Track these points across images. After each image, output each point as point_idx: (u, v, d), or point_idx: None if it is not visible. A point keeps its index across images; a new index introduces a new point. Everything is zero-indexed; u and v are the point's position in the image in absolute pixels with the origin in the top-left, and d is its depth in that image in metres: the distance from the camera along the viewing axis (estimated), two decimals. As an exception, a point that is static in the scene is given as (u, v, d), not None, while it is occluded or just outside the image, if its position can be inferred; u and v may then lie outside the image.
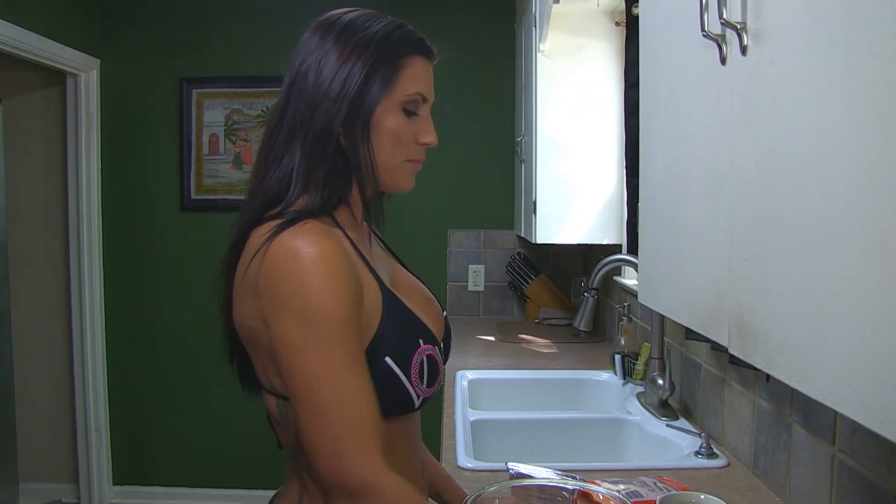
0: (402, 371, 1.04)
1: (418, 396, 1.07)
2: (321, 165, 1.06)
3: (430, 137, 1.12)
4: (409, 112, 1.09)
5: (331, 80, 1.05)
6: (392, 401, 1.04)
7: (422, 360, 1.06)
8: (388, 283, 1.11)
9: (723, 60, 0.92)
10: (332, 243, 0.99)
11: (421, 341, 1.07)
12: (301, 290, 0.95)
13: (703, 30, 0.93)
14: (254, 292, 0.99)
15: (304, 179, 1.06)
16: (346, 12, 1.10)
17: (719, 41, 0.92)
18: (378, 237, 1.27)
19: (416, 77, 1.09)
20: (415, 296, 1.18)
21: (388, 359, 1.03)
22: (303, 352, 0.95)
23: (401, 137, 1.08)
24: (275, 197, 1.06)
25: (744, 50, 0.86)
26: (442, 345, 1.16)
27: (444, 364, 1.16)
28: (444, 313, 1.25)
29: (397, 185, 1.13)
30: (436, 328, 1.15)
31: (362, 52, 1.05)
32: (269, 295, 0.97)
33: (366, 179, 1.08)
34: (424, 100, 1.11)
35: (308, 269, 0.96)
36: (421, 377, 1.06)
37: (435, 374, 1.09)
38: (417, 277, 1.27)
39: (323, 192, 1.06)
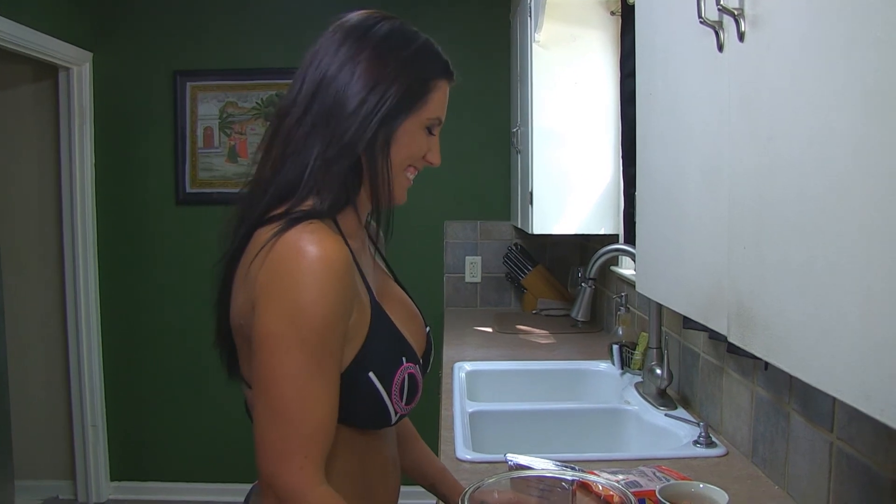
0: (384, 388, 1.05)
1: (396, 413, 1.07)
2: (337, 174, 1.06)
3: (437, 159, 1.14)
4: (427, 132, 1.11)
5: (360, 96, 1.04)
6: (371, 415, 1.06)
7: (403, 378, 1.07)
8: (377, 295, 1.11)
9: (720, 47, 0.92)
10: (338, 248, 0.98)
11: (404, 359, 1.08)
12: (294, 288, 0.95)
13: (699, 16, 0.92)
14: (251, 286, 0.99)
15: (317, 183, 1.05)
16: (380, 21, 1.09)
17: (716, 28, 0.91)
18: (375, 246, 1.26)
19: (440, 101, 1.11)
20: (401, 310, 1.18)
21: (371, 374, 1.03)
22: (276, 349, 0.95)
23: (415, 154, 1.11)
24: (285, 193, 1.05)
25: (741, 36, 0.85)
26: (422, 361, 1.17)
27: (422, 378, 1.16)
28: (427, 329, 1.25)
29: (395, 198, 1.13)
30: (418, 345, 1.16)
31: (395, 73, 1.05)
32: (263, 287, 0.97)
33: (381, 189, 1.09)
34: (440, 122, 1.13)
35: (307, 269, 0.95)
36: (401, 395, 1.07)
37: (414, 393, 1.10)
38: (405, 291, 1.27)
39: (332, 196, 1.05)
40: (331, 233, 1.00)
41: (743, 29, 0.84)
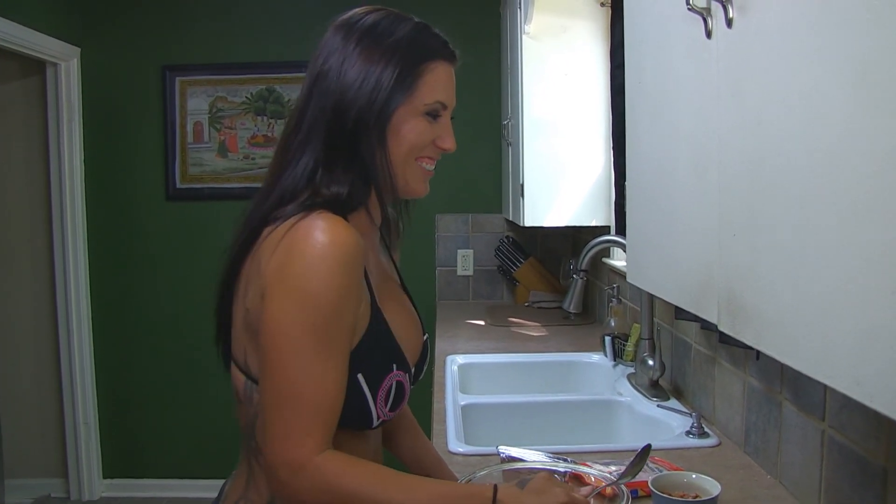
0: (371, 391, 1.05)
1: (378, 418, 1.07)
2: (341, 167, 1.06)
3: (449, 144, 1.13)
4: (429, 118, 1.09)
5: (353, 85, 1.04)
6: (353, 416, 1.05)
7: (391, 385, 1.07)
8: (378, 299, 1.10)
9: (708, 34, 0.91)
10: (349, 235, 0.99)
11: (395, 366, 1.08)
12: (304, 275, 0.96)
13: (687, 3, 0.92)
14: (263, 275, 0.99)
15: (325, 178, 1.05)
16: (369, 13, 1.09)
17: (704, 14, 0.91)
18: (387, 249, 1.26)
19: (437, 84, 1.09)
20: (400, 316, 1.17)
21: (360, 376, 1.03)
22: (285, 333, 0.96)
23: (418, 143, 1.09)
24: (289, 197, 1.05)
25: (729, 22, 0.85)
26: (414, 369, 1.17)
27: (413, 386, 1.16)
28: (425, 337, 1.25)
29: (411, 189, 1.12)
30: (411, 352, 1.16)
31: (385, 58, 1.05)
32: (274, 273, 0.97)
33: (382, 183, 1.08)
34: (444, 107, 1.11)
35: (319, 254, 0.96)
36: (386, 401, 1.07)
37: (400, 400, 1.10)
38: (410, 298, 1.26)
39: (343, 191, 1.05)
40: (343, 221, 1.00)
41: (731, 15, 0.84)
